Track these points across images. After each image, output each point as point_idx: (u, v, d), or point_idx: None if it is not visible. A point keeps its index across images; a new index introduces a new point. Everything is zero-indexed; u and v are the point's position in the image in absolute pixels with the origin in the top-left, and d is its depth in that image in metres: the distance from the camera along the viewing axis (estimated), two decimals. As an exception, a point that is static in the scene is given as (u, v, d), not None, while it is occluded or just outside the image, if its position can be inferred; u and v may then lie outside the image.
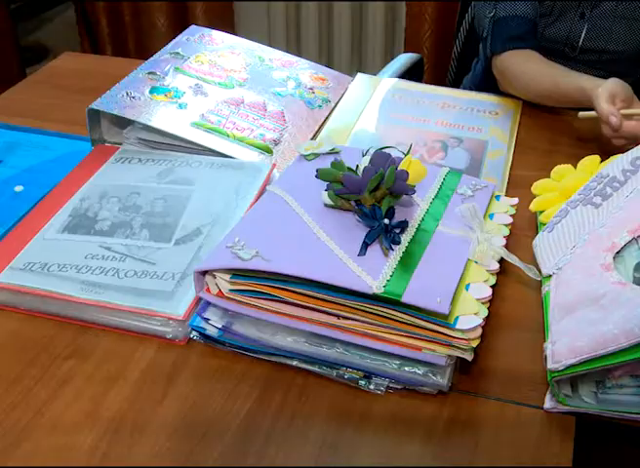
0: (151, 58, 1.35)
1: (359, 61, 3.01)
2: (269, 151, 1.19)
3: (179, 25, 2.71)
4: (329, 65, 2.98)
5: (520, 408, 0.81)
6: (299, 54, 2.95)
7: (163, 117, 1.18)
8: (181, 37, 1.45)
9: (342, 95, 1.41)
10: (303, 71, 1.43)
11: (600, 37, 1.49)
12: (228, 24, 2.95)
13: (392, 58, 1.91)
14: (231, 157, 1.15)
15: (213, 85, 1.31)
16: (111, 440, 0.76)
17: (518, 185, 1.15)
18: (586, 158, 1.12)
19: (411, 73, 1.83)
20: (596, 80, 1.24)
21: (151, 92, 1.24)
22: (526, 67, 1.40)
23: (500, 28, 1.46)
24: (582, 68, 1.51)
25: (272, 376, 0.83)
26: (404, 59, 1.86)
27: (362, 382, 0.81)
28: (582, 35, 1.49)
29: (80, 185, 1.08)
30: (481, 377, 0.84)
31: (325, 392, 0.82)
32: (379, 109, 1.36)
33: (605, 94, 1.19)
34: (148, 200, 1.05)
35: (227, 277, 0.82)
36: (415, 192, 0.90)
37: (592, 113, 1.21)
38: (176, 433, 0.77)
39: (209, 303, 0.85)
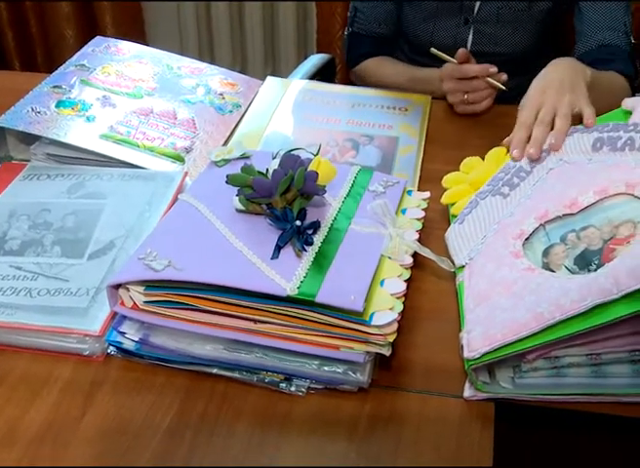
0: (56, 72, 1.33)
1: (273, 64, 3.01)
2: (181, 160, 1.18)
3: (87, 36, 2.65)
4: (243, 69, 2.98)
5: (441, 398, 0.82)
6: (212, 60, 2.94)
7: (71, 131, 1.17)
8: (87, 48, 1.43)
9: (253, 99, 1.41)
10: (213, 77, 1.42)
11: (487, 41, 1.54)
12: (139, 34, 2.91)
13: (306, 59, 1.92)
14: (143, 167, 1.14)
15: (121, 96, 1.29)
16: (33, 458, 0.75)
17: (430, 179, 1.17)
18: (494, 149, 1.14)
19: (323, 74, 1.84)
20: None
21: (57, 106, 1.22)
22: (381, 73, 1.59)
23: (355, 46, 1.65)
24: None
25: (193, 386, 0.83)
26: (315, 60, 1.87)
27: (283, 385, 0.81)
28: (469, 40, 1.53)
29: (-13, 205, 1.06)
30: (401, 371, 0.85)
31: (247, 397, 0.82)
32: (290, 111, 1.36)
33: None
34: (59, 216, 1.03)
35: (141, 289, 0.81)
36: (325, 192, 0.91)
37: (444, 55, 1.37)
38: (98, 449, 0.76)
39: (124, 317, 0.85)
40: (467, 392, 0.82)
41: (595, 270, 0.83)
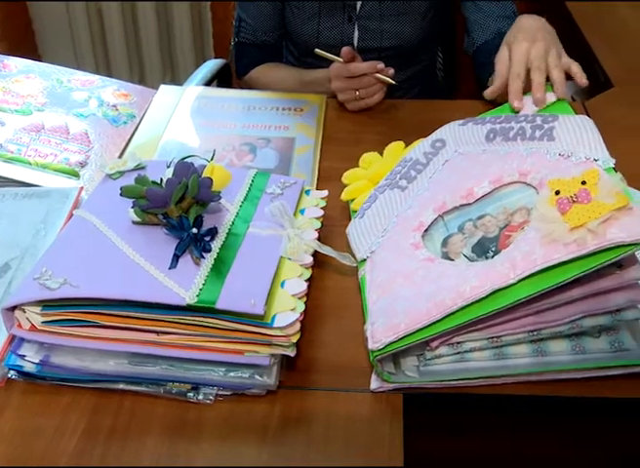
0: (-62, 92, 1.29)
1: (172, 71, 2.98)
2: (76, 175, 1.16)
3: (-24, 54, 2.59)
4: (142, 78, 2.93)
5: (349, 394, 0.83)
6: (109, 71, 2.89)
7: (-42, 152, 1.13)
8: (-30, 66, 1.39)
9: (147, 108, 1.39)
10: (105, 89, 1.40)
11: (373, 37, 1.55)
12: (31, 49, 2.84)
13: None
14: (36, 185, 1.11)
15: (9, 113, 1.26)
16: None
17: (329, 178, 1.18)
18: (392, 144, 1.15)
19: (219, 78, 1.83)
20: None
21: (-58, 127, 1.19)
22: (270, 80, 1.62)
23: (242, 55, 1.67)
24: None
25: (99, 403, 0.81)
26: (210, 66, 1.85)
27: (190, 394, 0.81)
28: (355, 37, 1.55)
29: None
30: (308, 370, 0.85)
31: (155, 410, 0.81)
32: (185, 119, 1.35)
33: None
34: (-50, 241, 1.00)
35: (38, 309, 0.80)
36: (221, 198, 0.90)
37: (329, 55, 1.40)
38: (4, 477, 0.74)
39: (23, 339, 0.82)
40: (374, 384, 0.83)
41: (492, 257, 0.85)
